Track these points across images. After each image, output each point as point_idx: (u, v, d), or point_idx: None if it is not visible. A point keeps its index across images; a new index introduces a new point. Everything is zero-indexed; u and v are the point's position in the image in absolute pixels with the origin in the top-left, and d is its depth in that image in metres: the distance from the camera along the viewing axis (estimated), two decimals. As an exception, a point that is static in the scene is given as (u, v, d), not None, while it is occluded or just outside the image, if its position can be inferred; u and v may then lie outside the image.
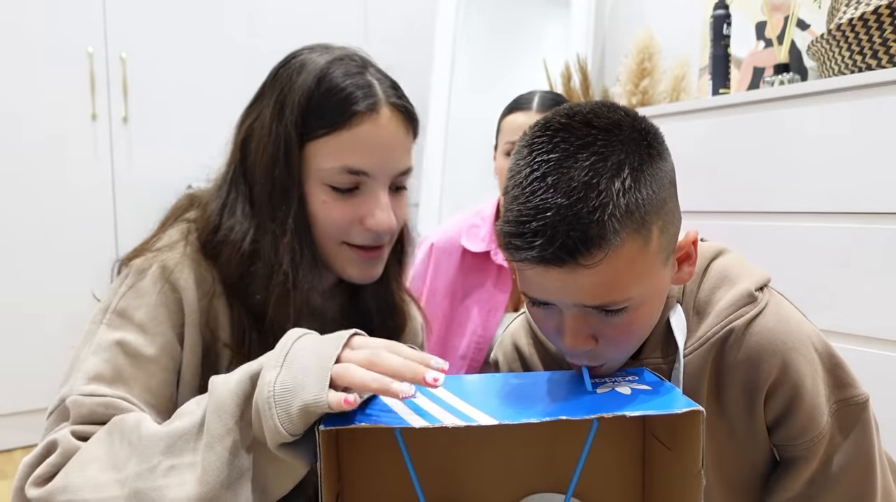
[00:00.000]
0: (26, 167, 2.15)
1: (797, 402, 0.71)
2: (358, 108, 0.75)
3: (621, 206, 0.60)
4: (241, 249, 0.76)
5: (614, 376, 0.67)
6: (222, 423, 0.61)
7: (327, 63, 0.78)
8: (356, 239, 0.78)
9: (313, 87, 0.76)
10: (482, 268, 1.42)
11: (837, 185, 1.41)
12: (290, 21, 2.54)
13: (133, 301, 0.74)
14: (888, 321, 1.33)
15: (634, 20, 2.44)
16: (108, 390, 0.69)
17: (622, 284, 0.62)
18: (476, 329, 1.41)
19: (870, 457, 0.73)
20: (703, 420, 0.56)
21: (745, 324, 0.72)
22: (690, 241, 0.71)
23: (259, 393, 0.60)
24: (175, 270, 0.75)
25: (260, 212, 0.77)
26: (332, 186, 0.76)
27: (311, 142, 0.76)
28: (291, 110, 0.76)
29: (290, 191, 0.76)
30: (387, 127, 0.77)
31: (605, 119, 0.64)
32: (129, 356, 0.72)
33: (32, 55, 2.15)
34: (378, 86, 0.78)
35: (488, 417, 0.56)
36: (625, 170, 0.61)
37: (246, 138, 0.80)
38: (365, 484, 0.70)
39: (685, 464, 0.59)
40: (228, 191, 0.80)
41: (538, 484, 0.70)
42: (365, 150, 0.76)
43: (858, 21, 1.42)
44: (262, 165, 0.77)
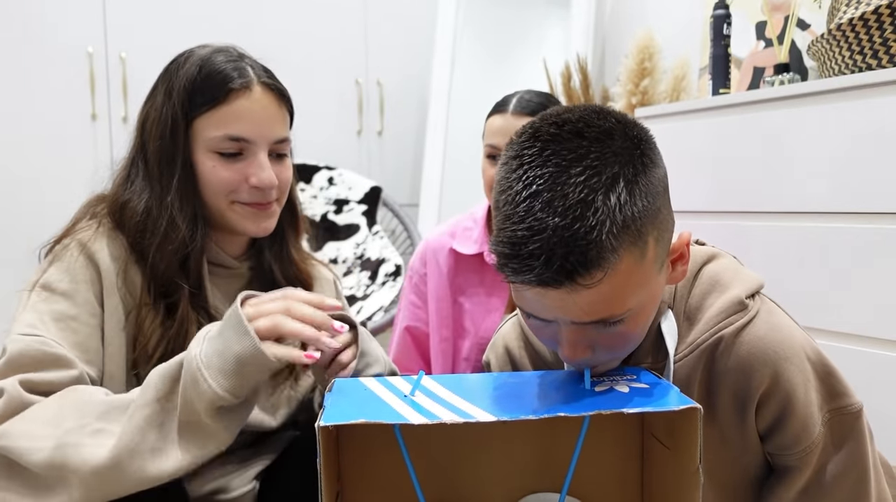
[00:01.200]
0: (26, 167, 2.15)
1: (789, 412, 0.70)
2: (233, 86, 0.90)
3: (618, 222, 0.59)
4: (138, 211, 0.90)
5: (613, 375, 0.67)
6: (143, 398, 0.74)
7: (207, 53, 0.93)
8: (244, 197, 0.92)
9: (195, 73, 0.90)
10: (476, 269, 1.42)
11: (837, 185, 1.41)
12: (290, 21, 2.54)
13: (56, 274, 0.86)
14: (888, 321, 1.33)
15: (634, 20, 2.44)
16: (43, 331, 0.80)
17: (620, 299, 0.62)
18: (476, 330, 1.41)
19: (864, 466, 0.72)
20: (700, 417, 0.56)
21: (735, 333, 0.71)
22: (684, 243, 0.71)
23: (187, 367, 0.74)
24: (89, 243, 0.87)
25: (152, 180, 0.91)
26: (219, 152, 0.90)
27: (198, 118, 0.90)
28: (178, 93, 0.90)
29: (175, 159, 0.90)
30: (259, 101, 0.92)
31: (595, 129, 0.63)
32: (56, 319, 0.83)
33: (32, 55, 2.15)
34: (251, 70, 0.93)
35: (487, 414, 0.56)
36: (619, 184, 0.60)
37: (143, 121, 0.94)
38: (364, 483, 0.70)
39: (683, 463, 0.59)
40: (129, 170, 0.94)
41: (537, 484, 0.70)
42: (242, 120, 0.90)
43: (858, 21, 1.42)
44: (153, 141, 0.91)
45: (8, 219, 2.14)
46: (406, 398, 0.62)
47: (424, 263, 1.47)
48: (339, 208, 2.46)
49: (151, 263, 0.89)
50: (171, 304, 0.89)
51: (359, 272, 2.33)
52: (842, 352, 1.35)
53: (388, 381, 0.68)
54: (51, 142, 2.18)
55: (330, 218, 2.44)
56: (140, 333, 0.87)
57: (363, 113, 2.67)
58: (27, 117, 2.15)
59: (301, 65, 2.56)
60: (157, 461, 0.72)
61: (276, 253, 1.02)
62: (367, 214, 2.46)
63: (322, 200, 2.45)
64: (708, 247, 0.81)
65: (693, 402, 0.56)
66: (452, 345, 1.43)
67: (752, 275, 0.77)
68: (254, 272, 1.02)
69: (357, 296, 2.25)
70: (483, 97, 1.46)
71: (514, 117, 1.34)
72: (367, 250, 2.38)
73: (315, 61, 2.60)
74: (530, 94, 1.40)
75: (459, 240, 1.42)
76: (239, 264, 1.00)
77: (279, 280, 1.01)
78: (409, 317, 1.49)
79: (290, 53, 2.54)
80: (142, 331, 0.87)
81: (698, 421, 0.56)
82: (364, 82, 2.67)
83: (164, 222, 0.89)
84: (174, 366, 0.76)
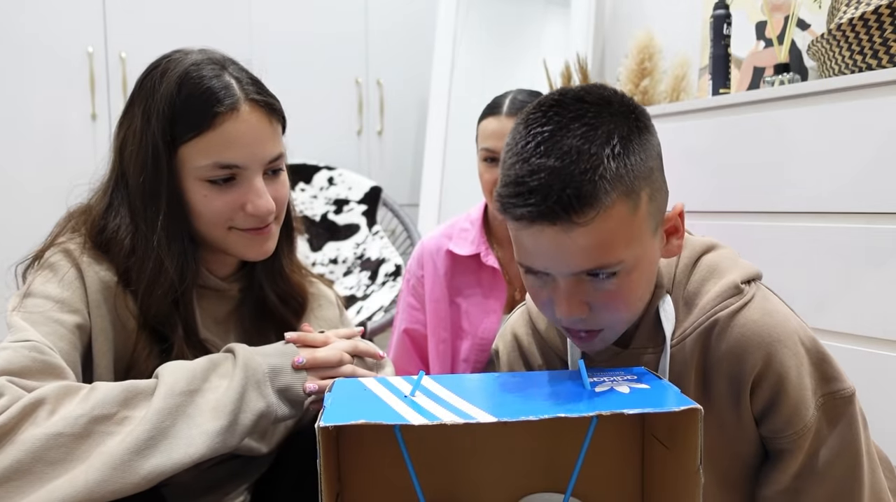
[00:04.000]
0: (26, 167, 2.15)
1: (782, 395, 0.72)
2: (219, 110, 0.82)
3: (611, 169, 0.64)
4: (124, 248, 0.84)
5: (613, 375, 0.67)
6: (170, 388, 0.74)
7: (185, 69, 0.84)
8: (241, 223, 0.86)
9: (175, 93, 0.82)
10: (473, 270, 1.42)
11: (837, 185, 1.41)
12: (291, 21, 2.54)
13: (43, 284, 0.81)
14: (888, 321, 1.33)
15: (634, 20, 2.44)
16: (34, 336, 0.75)
17: (613, 246, 0.66)
18: (475, 331, 1.41)
19: (856, 450, 0.74)
20: (700, 418, 0.56)
21: (731, 316, 0.74)
22: (677, 213, 0.74)
23: (252, 371, 0.79)
24: (78, 255, 0.83)
25: (136, 215, 0.85)
26: (210, 180, 0.83)
27: (183, 145, 0.83)
28: (157, 118, 0.82)
29: (160, 193, 0.83)
30: (248, 121, 0.83)
31: (595, 96, 0.69)
32: (44, 322, 0.78)
33: (32, 55, 2.15)
34: (236, 85, 0.84)
35: (487, 415, 0.56)
36: (614, 138, 0.66)
37: (121, 146, 0.87)
38: (364, 483, 0.70)
39: (684, 463, 0.59)
40: (111, 195, 0.88)
41: (537, 484, 0.70)
42: (232, 146, 0.83)
43: (858, 21, 1.42)
44: (134, 171, 0.85)
45: (8, 219, 2.14)
46: (406, 398, 0.62)
47: (421, 265, 1.47)
48: (339, 208, 2.46)
49: (141, 305, 0.84)
50: (164, 336, 0.86)
51: (359, 272, 2.33)
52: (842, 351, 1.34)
53: (388, 381, 0.68)
54: (51, 142, 2.18)
55: (330, 218, 2.44)
56: (134, 366, 0.84)
57: (363, 113, 2.67)
58: (27, 117, 2.15)
59: (301, 65, 2.56)
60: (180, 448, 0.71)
61: (268, 270, 0.96)
62: (367, 214, 2.46)
63: (322, 200, 2.45)
64: (707, 238, 0.83)
65: (693, 403, 0.56)
66: (451, 346, 1.43)
67: (749, 264, 0.79)
68: (244, 293, 0.97)
69: (357, 296, 2.25)
70: (483, 97, 1.45)
71: (508, 119, 1.34)
72: (367, 250, 2.38)
73: (315, 61, 2.60)
74: (522, 94, 1.39)
75: (456, 242, 1.42)
76: (228, 286, 0.94)
77: (271, 300, 0.96)
78: (408, 320, 1.49)
79: (290, 53, 2.54)
80: (136, 365, 0.84)
81: (699, 422, 0.56)
82: (364, 82, 2.67)
83: (150, 264, 0.83)
84: (211, 363, 0.79)
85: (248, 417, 0.77)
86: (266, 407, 0.79)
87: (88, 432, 0.68)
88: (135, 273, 0.84)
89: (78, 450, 0.67)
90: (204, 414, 0.73)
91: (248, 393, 0.77)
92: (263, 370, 0.80)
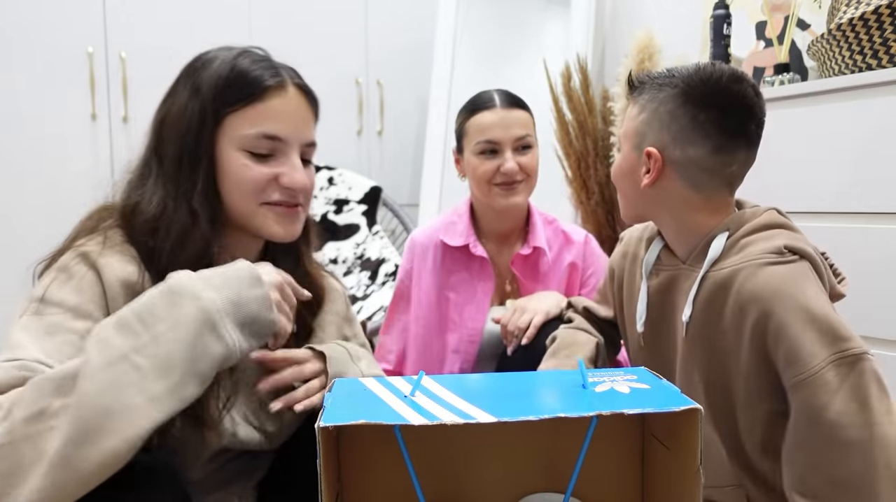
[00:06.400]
0: (26, 167, 2.15)
1: (781, 339, 0.79)
2: (269, 84, 0.87)
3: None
4: (150, 211, 0.84)
5: (613, 375, 0.67)
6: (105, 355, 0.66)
7: (235, 55, 0.89)
8: (274, 196, 0.88)
9: (227, 71, 0.86)
10: (463, 261, 1.45)
11: (837, 185, 1.41)
12: (291, 21, 2.54)
13: (57, 289, 0.78)
14: (889, 321, 1.33)
15: (634, 20, 2.44)
16: (29, 354, 0.70)
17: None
18: (465, 322, 1.43)
19: (867, 407, 0.75)
20: (701, 418, 0.56)
21: (759, 267, 0.83)
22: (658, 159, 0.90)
23: (205, 312, 0.70)
24: (96, 257, 0.80)
25: (166, 180, 0.86)
26: (251, 151, 0.86)
27: (229, 115, 0.86)
28: (207, 89, 0.86)
29: (199, 156, 0.85)
30: (294, 100, 0.90)
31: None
32: (50, 332, 0.74)
33: (32, 55, 2.15)
34: (282, 69, 0.90)
35: (487, 415, 0.56)
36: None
37: (161, 121, 0.89)
38: (364, 484, 0.70)
39: (684, 463, 0.59)
40: (142, 170, 0.89)
41: (537, 484, 0.70)
42: (278, 119, 0.87)
43: (858, 21, 1.42)
44: (172, 139, 0.86)
45: (8, 219, 2.14)
46: (406, 398, 0.62)
47: (410, 259, 1.49)
48: (339, 208, 2.46)
49: (165, 268, 0.79)
50: None
51: (359, 272, 2.33)
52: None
53: (388, 381, 0.68)
54: (51, 142, 2.18)
55: (330, 218, 2.44)
56: None
57: (363, 113, 2.67)
58: (27, 117, 2.15)
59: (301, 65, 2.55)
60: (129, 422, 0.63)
61: (291, 264, 0.96)
62: (367, 214, 2.46)
63: (322, 200, 2.45)
64: (790, 223, 0.91)
65: (693, 403, 0.56)
66: (441, 338, 1.44)
67: (807, 244, 0.87)
68: None
69: (357, 296, 2.25)
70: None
71: (505, 110, 1.37)
72: (367, 250, 2.38)
73: (315, 61, 2.59)
74: (505, 91, 1.43)
75: (445, 234, 1.45)
76: None
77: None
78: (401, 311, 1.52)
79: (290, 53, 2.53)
80: None
81: (699, 422, 0.56)
82: (364, 82, 2.67)
83: (180, 221, 0.83)
84: (147, 307, 0.69)
85: (205, 365, 0.69)
86: (225, 350, 0.71)
87: (27, 435, 0.62)
88: (161, 234, 0.83)
89: (20, 457, 0.62)
90: (148, 377, 0.65)
91: (201, 339, 0.69)
92: (217, 306, 0.71)
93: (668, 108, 0.88)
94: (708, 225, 0.91)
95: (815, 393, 0.77)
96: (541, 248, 1.42)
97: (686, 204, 0.91)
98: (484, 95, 1.42)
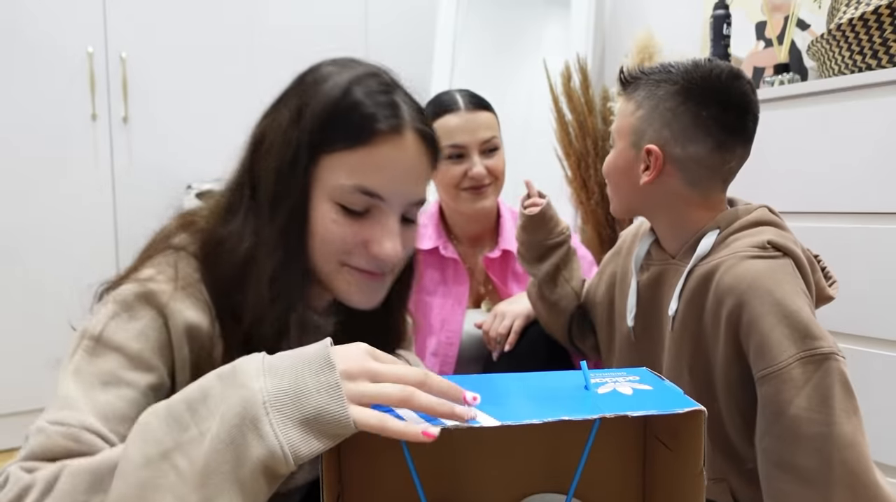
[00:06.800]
0: (26, 167, 2.15)
1: (752, 331, 0.81)
2: (381, 127, 0.71)
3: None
4: (237, 260, 0.72)
5: (615, 375, 0.67)
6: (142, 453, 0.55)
7: (355, 77, 0.74)
8: (357, 261, 0.75)
9: (337, 98, 0.72)
10: (436, 264, 1.44)
11: (837, 185, 1.41)
12: (290, 21, 2.54)
13: (118, 330, 0.68)
14: (888, 321, 1.33)
15: (634, 20, 2.43)
16: (77, 417, 0.62)
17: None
18: (443, 324, 1.41)
19: (829, 405, 0.77)
20: (704, 420, 0.56)
21: (739, 260, 0.84)
22: (657, 156, 0.90)
23: (246, 404, 0.54)
24: (166, 301, 0.69)
25: (261, 219, 0.73)
26: (343, 206, 0.72)
27: (328, 155, 0.72)
28: (311, 117, 0.72)
29: (292, 197, 0.72)
30: (408, 151, 0.73)
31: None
32: (105, 382, 0.65)
33: (32, 55, 2.15)
34: (404, 106, 0.74)
35: (490, 418, 0.56)
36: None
37: (258, 141, 0.76)
38: (365, 485, 0.70)
39: (687, 464, 0.59)
40: (234, 194, 0.77)
41: (539, 485, 0.70)
42: (383, 172, 0.72)
43: (858, 21, 1.42)
44: (268, 168, 0.73)
45: (8, 219, 2.14)
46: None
47: None
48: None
49: (239, 322, 0.70)
50: None
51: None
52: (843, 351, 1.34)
53: (389, 383, 0.67)
54: (51, 142, 2.18)
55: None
56: None
57: (363, 113, 2.67)
58: (27, 117, 2.15)
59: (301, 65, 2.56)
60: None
61: (375, 311, 0.81)
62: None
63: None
64: (780, 221, 0.92)
65: (697, 404, 0.56)
66: (420, 342, 1.43)
67: (795, 243, 0.88)
68: (341, 327, 0.82)
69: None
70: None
71: (469, 113, 1.35)
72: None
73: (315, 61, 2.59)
74: (465, 90, 1.40)
75: (417, 238, 1.45)
76: (325, 321, 0.81)
77: (369, 338, 0.73)
78: None
79: (290, 53, 2.54)
80: None
81: (702, 423, 0.55)
82: (364, 82, 2.67)
83: (267, 274, 0.71)
84: (201, 393, 0.56)
85: (246, 472, 0.53)
86: (266, 452, 0.53)
87: None
88: (242, 289, 0.71)
89: None
90: (187, 483, 0.53)
91: (242, 439, 0.53)
92: (264, 397, 0.54)
93: (669, 106, 0.89)
94: (701, 221, 0.92)
95: (780, 387, 0.78)
96: (510, 251, 1.40)
97: (682, 200, 0.92)
98: (446, 97, 1.38)
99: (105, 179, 2.26)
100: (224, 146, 0.83)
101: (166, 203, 0.89)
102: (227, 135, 0.83)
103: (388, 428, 0.54)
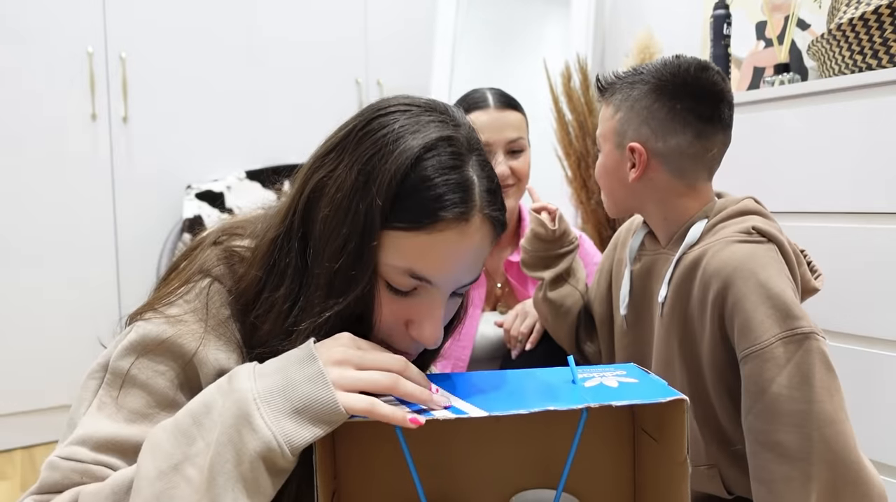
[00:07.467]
0: (26, 167, 2.16)
1: (736, 311, 0.83)
2: (447, 215, 0.63)
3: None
4: (280, 315, 0.67)
5: (602, 371, 0.67)
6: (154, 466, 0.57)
7: (428, 143, 0.65)
8: (398, 342, 0.69)
9: (407, 169, 0.63)
10: None
11: (838, 185, 1.41)
12: (290, 21, 2.55)
13: (142, 369, 0.66)
14: (888, 321, 1.33)
15: (634, 20, 2.43)
16: (91, 455, 0.62)
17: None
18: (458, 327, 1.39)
19: (810, 383, 0.79)
20: (687, 409, 0.56)
21: (724, 246, 0.87)
22: (641, 153, 0.93)
23: (237, 404, 0.56)
24: (193, 340, 0.67)
25: (309, 283, 0.67)
26: (389, 285, 0.66)
27: (386, 231, 0.64)
28: (380, 192, 0.63)
29: (359, 276, 0.65)
30: (472, 237, 0.66)
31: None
32: (132, 421, 0.64)
33: (32, 55, 2.15)
34: (476, 187, 0.66)
35: (478, 410, 0.56)
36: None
37: (313, 195, 0.68)
38: (360, 481, 0.70)
39: (671, 454, 0.60)
40: (281, 242, 0.69)
41: (531, 480, 0.71)
42: (439, 259, 0.65)
43: (858, 21, 1.42)
44: (328, 240, 0.65)
45: (8, 219, 2.14)
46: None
47: None
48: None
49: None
50: None
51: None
52: (843, 351, 1.34)
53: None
54: (51, 142, 2.19)
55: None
56: None
57: (363, 113, 2.67)
58: (27, 117, 2.15)
59: (301, 65, 2.57)
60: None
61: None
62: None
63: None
64: (765, 211, 0.95)
65: (680, 394, 0.57)
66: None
67: (779, 232, 0.90)
68: None
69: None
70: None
71: (498, 111, 1.34)
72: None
73: (315, 61, 2.60)
74: (498, 90, 1.39)
75: None
76: None
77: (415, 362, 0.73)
78: None
79: (290, 53, 2.54)
80: None
81: (685, 413, 0.56)
82: (364, 82, 2.67)
83: (308, 332, 0.65)
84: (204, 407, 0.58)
85: (247, 467, 0.55)
86: (262, 443, 0.55)
87: None
88: (283, 350, 0.64)
89: None
90: (199, 489, 0.55)
91: (239, 437, 0.55)
92: (253, 395, 0.56)
93: (644, 104, 0.93)
94: (690, 211, 0.96)
95: (763, 366, 0.80)
96: None
97: (671, 191, 0.96)
98: (476, 94, 1.38)
99: (105, 179, 2.26)
100: (224, 146, 0.82)
101: (166, 203, 0.88)
102: (227, 136, 0.83)
103: (376, 411, 0.56)
